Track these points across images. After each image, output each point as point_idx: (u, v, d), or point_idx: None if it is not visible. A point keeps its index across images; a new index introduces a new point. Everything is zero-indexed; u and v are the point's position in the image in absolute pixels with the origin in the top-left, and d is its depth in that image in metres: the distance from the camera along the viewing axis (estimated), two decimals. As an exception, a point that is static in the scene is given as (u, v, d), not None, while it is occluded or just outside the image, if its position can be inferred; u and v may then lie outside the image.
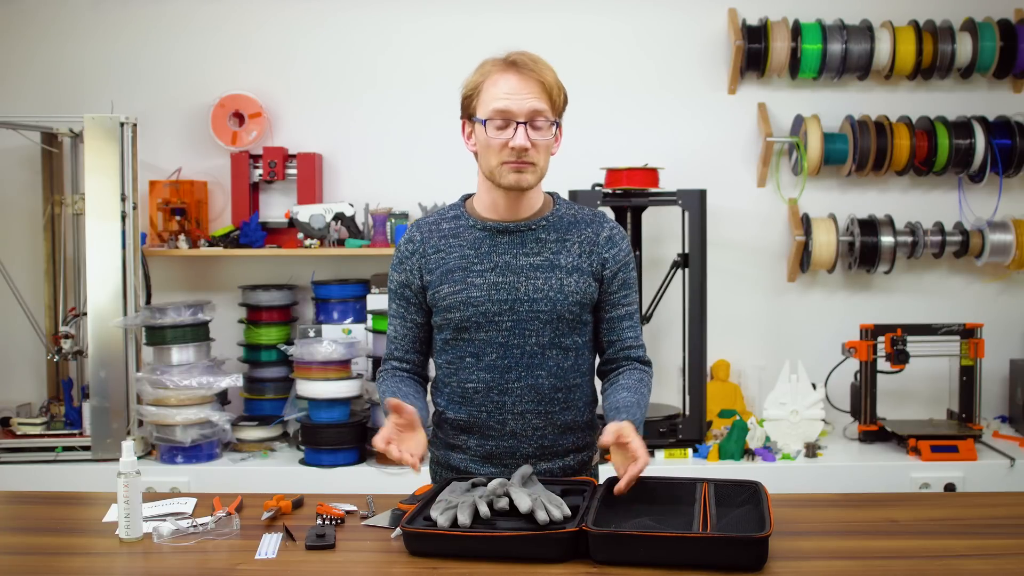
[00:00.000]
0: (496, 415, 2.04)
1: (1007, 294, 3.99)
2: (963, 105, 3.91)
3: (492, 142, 1.95)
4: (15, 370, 3.95)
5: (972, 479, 3.37)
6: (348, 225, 3.75)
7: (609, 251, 2.05)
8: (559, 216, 2.07)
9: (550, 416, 2.05)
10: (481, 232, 2.04)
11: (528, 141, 1.93)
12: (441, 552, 1.69)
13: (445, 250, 2.05)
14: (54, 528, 1.95)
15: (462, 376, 2.05)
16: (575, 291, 2.01)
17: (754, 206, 3.96)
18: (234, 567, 1.70)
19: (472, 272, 2.01)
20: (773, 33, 3.79)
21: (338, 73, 3.95)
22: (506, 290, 2.00)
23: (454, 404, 2.08)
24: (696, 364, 3.61)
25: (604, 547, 1.67)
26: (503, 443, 2.05)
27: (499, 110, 1.94)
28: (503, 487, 1.80)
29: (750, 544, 1.64)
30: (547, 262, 2.02)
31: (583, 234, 2.05)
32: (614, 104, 3.93)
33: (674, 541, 1.66)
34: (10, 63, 3.95)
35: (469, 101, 2.01)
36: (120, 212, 3.50)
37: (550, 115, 1.96)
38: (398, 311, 2.11)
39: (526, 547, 1.68)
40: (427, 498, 1.85)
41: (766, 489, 1.90)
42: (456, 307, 2.01)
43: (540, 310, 2.00)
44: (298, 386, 3.56)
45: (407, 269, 2.07)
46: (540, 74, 1.95)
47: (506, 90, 1.94)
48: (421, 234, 2.08)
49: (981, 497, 2.27)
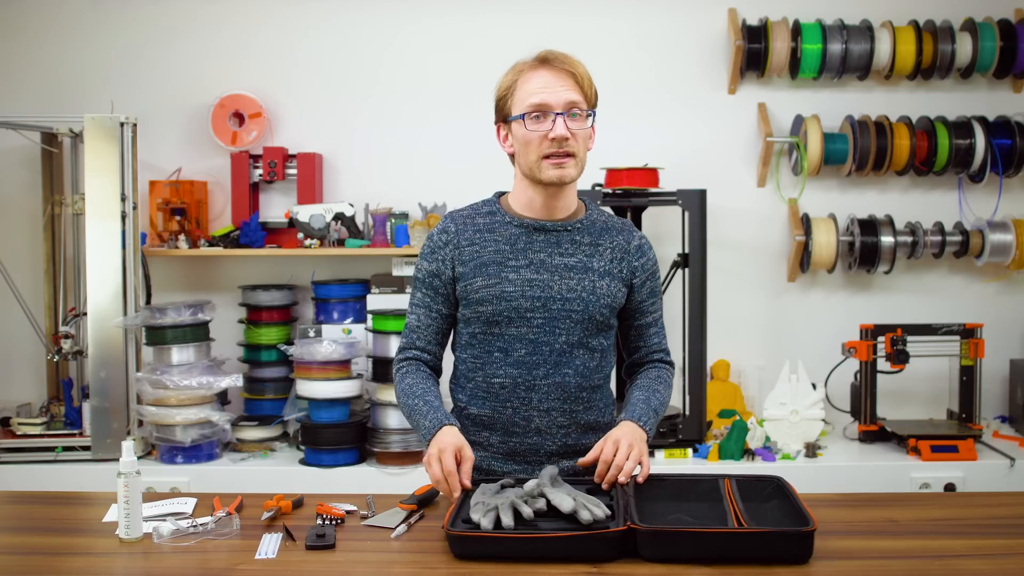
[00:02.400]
0: (522, 411, 2.05)
1: (1007, 294, 3.99)
2: (963, 105, 3.91)
3: (531, 136, 1.98)
4: (15, 370, 3.95)
5: (972, 479, 3.37)
6: (348, 225, 3.75)
7: (639, 260, 2.11)
8: (592, 220, 2.10)
9: (575, 415, 2.07)
10: (517, 228, 2.06)
11: (568, 131, 1.96)
12: (485, 554, 1.69)
13: (480, 243, 2.06)
14: (54, 528, 1.95)
15: (489, 371, 2.06)
16: (606, 294, 2.05)
17: (754, 206, 3.96)
18: (234, 567, 1.70)
19: (507, 267, 2.03)
20: (773, 33, 3.79)
21: (338, 73, 3.96)
22: (540, 287, 2.02)
23: (478, 399, 2.08)
24: (696, 364, 3.61)
25: (653, 544, 1.68)
26: (527, 440, 2.06)
27: (536, 104, 1.97)
28: (539, 487, 1.80)
29: (799, 538, 1.67)
30: (581, 264, 2.05)
31: (615, 241, 2.09)
32: (614, 104, 3.90)
33: (724, 536, 1.69)
34: (10, 63, 3.95)
35: (503, 102, 2.04)
36: (120, 212, 3.50)
37: (585, 105, 2.00)
38: (423, 300, 2.10)
39: (573, 547, 1.68)
40: (460, 500, 1.84)
41: (790, 484, 1.92)
42: (489, 300, 2.02)
43: (572, 309, 2.03)
44: (298, 386, 3.56)
45: (439, 259, 2.07)
46: (572, 67, 2.00)
47: (541, 84, 1.98)
48: (456, 225, 2.09)
49: (981, 497, 2.27)
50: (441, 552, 1.75)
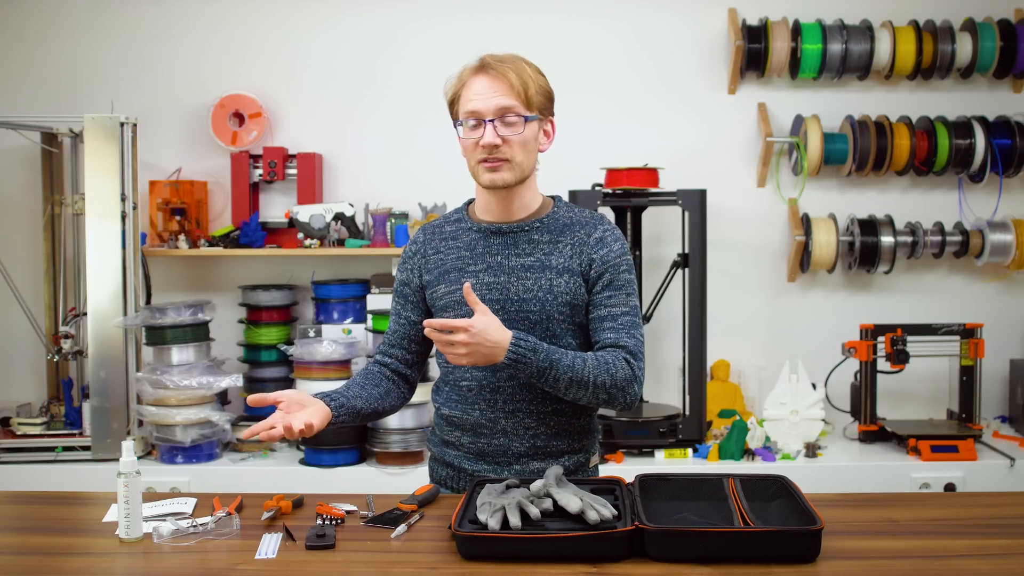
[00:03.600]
0: (488, 413, 2.06)
1: (1007, 294, 3.99)
2: (963, 105, 3.91)
3: (466, 143, 2.02)
4: (15, 370, 3.95)
5: (972, 479, 3.37)
6: (348, 225, 3.75)
7: (598, 251, 2.03)
8: (555, 218, 2.08)
9: (542, 416, 2.05)
10: (476, 233, 2.08)
11: (497, 138, 1.97)
12: (493, 555, 1.68)
13: (444, 251, 2.10)
14: (54, 528, 1.95)
15: (457, 374, 2.09)
16: (565, 291, 2.02)
17: (754, 206, 3.96)
18: (234, 567, 1.70)
19: (467, 272, 2.05)
20: (773, 33, 3.79)
21: (338, 73, 3.96)
22: (497, 290, 2.03)
23: (451, 402, 2.11)
24: (696, 364, 3.61)
25: (661, 544, 1.68)
26: (495, 440, 2.07)
27: (470, 111, 2.00)
28: (545, 487, 1.81)
29: (807, 537, 1.67)
30: (538, 263, 2.04)
31: (576, 235, 2.06)
32: (614, 104, 3.93)
33: (733, 536, 1.68)
34: (10, 63, 3.95)
35: (452, 107, 2.07)
36: (120, 212, 3.50)
37: (521, 111, 1.98)
38: (395, 308, 2.18)
39: (581, 547, 1.68)
40: (466, 501, 1.84)
41: (794, 483, 1.92)
42: (451, 306, 2.05)
43: (529, 310, 2.02)
44: (298, 386, 3.56)
45: (408, 269, 2.14)
46: (508, 72, 1.99)
47: (476, 91, 2.00)
48: (424, 235, 2.15)
49: (981, 497, 2.26)
50: (441, 552, 1.75)
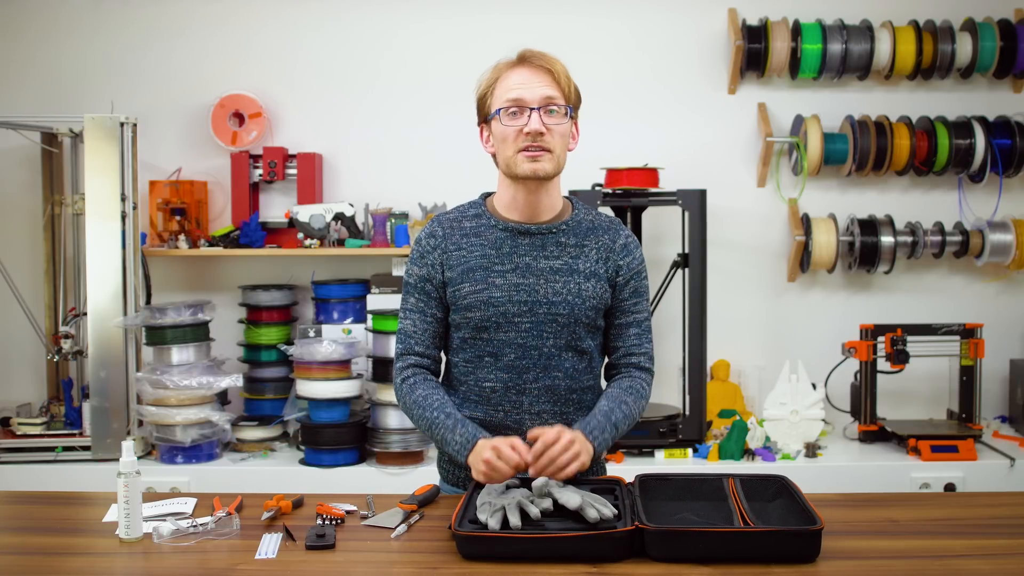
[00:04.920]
0: (513, 415, 2.06)
1: (1007, 294, 3.99)
2: (963, 105, 3.91)
3: (507, 131, 1.99)
4: (15, 370, 3.95)
5: (972, 479, 3.37)
6: (348, 225, 3.75)
7: (624, 258, 2.09)
8: (578, 221, 2.10)
9: (565, 416, 2.07)
10: (503, 232, 2.06)
11: (543, 125, 1.97)
12: (493, 555, 1.68)
13: (467, 248, 2.06)
14: (54, 528, 1.95)
15: (480, 375, 2.07)
16: (592, 296, 2.04)
17: (754, 206, 3.96)
18: (234, 567, 1.70)
19: (493, 272, 2.03)
20: (773, 33, 3.79)
21: (338, 73, 3.95)
22: (526, 291, 2.02)
23: (470, 403, 2.09)
24: (696, 364, 3.61)
25: (661, 544, 1.68)
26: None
27: (512, 99, 1.99)
28: (546, 487, 1.81)
29: (807, 537, 1.68)
30: (566, 266, 2.04)
31: (600, 240, 2.09)
32: (614, 104, 3.93)
33: (733, 536, 1.69)
34: (10, 63, 3.95)
35: (483, 101, 2.06)
36: (120, 212, 3.50)
37: (562, 102, 2.00)
38: (417, 306, 2.10)
39: (581, 547, 1.68)
40: (466, 501, 1.84)
41: (794, 483, 1.92)
42: (477, 306, 2.03)
43: (559, 313, 2.02)
44: (298, 386, 3.56)
45: (428, 264, 2.08)
46: (550, 64, 2.01)
47: (518, 81, 2.00)
48: (443, 229, 2.10)
49: (981, 497, 2.26)
50: (441, 552, 1.75)
